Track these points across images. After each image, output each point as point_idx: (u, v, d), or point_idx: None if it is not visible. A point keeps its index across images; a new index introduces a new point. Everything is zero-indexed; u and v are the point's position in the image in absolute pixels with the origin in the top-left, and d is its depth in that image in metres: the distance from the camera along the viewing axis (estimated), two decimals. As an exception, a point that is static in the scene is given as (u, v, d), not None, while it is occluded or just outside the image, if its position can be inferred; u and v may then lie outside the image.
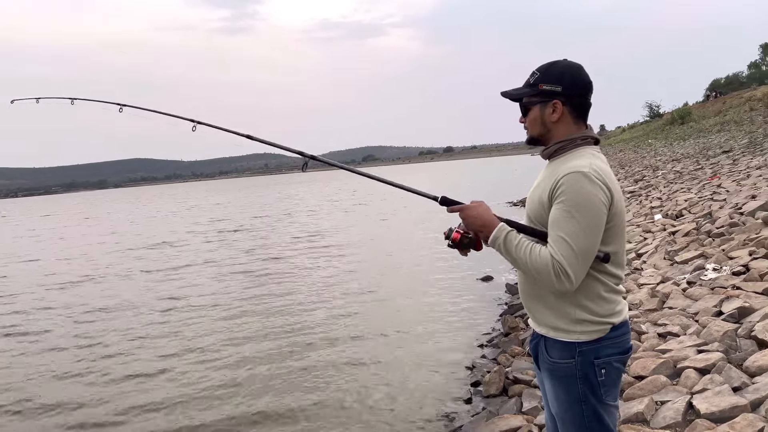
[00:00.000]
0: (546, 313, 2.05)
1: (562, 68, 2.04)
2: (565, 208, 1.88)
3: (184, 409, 5.54)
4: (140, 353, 7.34)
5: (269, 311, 9.02)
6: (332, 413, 5.23)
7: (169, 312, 9.49)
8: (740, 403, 3.13)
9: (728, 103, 36.32)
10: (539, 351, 2.12)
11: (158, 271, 13.96)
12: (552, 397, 2.10)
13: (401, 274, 11.34)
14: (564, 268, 1.86)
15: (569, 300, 1.98)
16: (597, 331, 1.98)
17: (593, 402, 1.99)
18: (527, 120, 2.10)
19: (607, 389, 2.00)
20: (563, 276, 1.86)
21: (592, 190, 1.87)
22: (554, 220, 1.91)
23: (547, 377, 2.11)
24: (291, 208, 34.05)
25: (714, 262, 5.78)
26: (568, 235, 1.86)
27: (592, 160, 1.95)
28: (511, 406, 4.58)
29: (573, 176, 1.89)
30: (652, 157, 23.99)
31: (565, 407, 2.04)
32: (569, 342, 2.00)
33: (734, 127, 23.00)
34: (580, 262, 1.87)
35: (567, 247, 1.86)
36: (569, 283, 1.88)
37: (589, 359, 1.98)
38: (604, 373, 1.98)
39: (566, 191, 1.89)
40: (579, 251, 1.86)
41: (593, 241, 1.89)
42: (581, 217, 1.86)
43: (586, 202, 1.87)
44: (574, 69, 2.04)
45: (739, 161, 13.37)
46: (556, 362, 2.04)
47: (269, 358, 6.76)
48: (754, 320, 4.12)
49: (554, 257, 1.87)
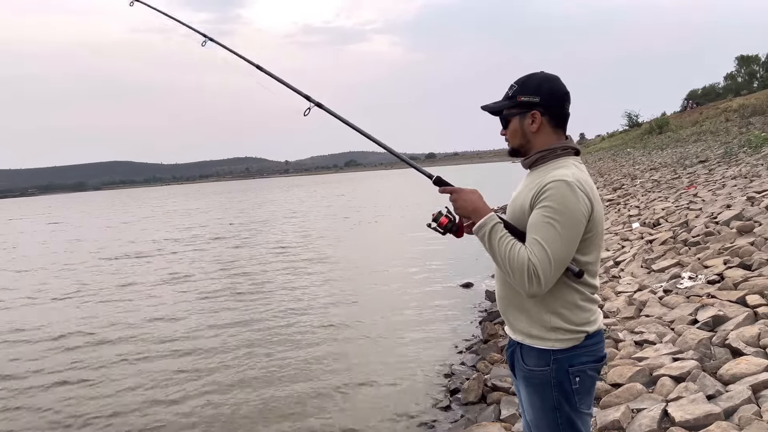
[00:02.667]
0: (522, 320, 2.07)
1: (539, 80, 2.08)
2: (546, 213, 1.90)
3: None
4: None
5: (244, 321, 8.74)
6: (309, 422, 5.18)
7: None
8: (714, 411, 3.16)
9: (705, 114, 36.95)
10: (515, 358, 2.14)
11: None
12: (527, 404, 2.12)
13: (381, 280, 11.31)
14: (537, 271, 1.87)
15: (545, 307, 2.01)
16: (572, 339, 2.01)
17: (567, 410, 2.01)
18: (508, 132, 2.15)
19: (581, 397, 2.03)
20: (535, 279, 1.88)
21: (574, 200, 1.90)
22: (533, 224, 1.93)
23: (522, 385, 2.13)
24: (272, 214, 33.75)
25: (690, 271, 5.86)
26: (545, 241, 1.88)
27: (575, 171, 1.98)
28: (489, 414, 4.59)
29: (557, 184, 1.91)
30: (630, 166, 24.28)
31: (539, 415, 2.06)
32: (544, 349, 2.02)
33: (710, 138, 23.39)
34: (552, 269, 1.89)
35: (543, 252, 1.88)
36: (539, 287, 1.89)
37: (564, 367, 2.00)
38: (578, 381, 2.01)
39: (549, 198, 1.91)
40: (554, 258, 1.88)
41: (569, 250, 1.92)
42: (560, 226, 1.89)
43: (567, 211, 1.89)
44: (551, 80, 2.08)
45: (715, 171, 13.59)
46: (531, 370, 2.06)
47: (244, 370, 6.63)
48: (728, 328, 4.17)
49: (530, 260, 1.89)
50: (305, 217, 27.87)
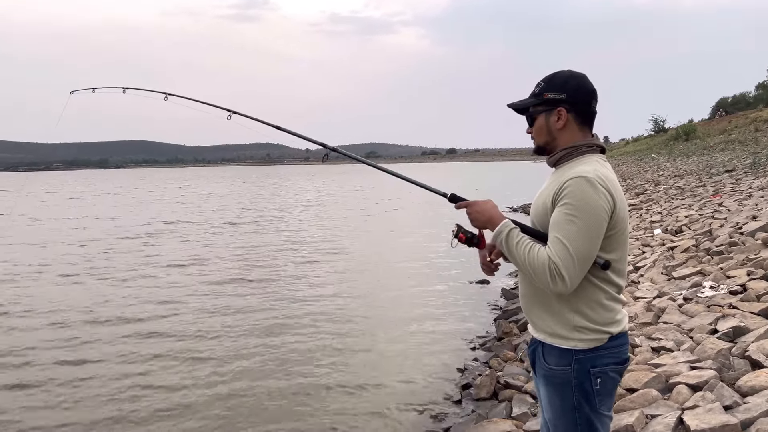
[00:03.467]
0: (545, 319, 2.06)
1: (566, 77, 2.07)
2: (566, 211, 1.90)
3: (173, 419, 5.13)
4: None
5: (256, 309, 8.68)
6: (322, 409, 5.23)
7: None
8: (731, 422, 3.13)
9: (734, 123, 36.33)
10: (536, 357, 2.14)
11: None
12: (546, 403, 2.11)
13: (397, 274, 11.31)
14: (559, 269, 1.87)
15: (569, 306, 1.99)
16: (595, 339, 1.99)
17: (587, 410, 2.00)
18: (533, 130, 2.14)
19: (602, 399, 2.01)
20: (558, 278, 1.88)
21: (594, 195, 1.89)
22: (554, 222, 1.93)
23: (542, 383, 2.12)
24: (290, 201, 33.93)
25: (712, 280, 5.79)
26: (566, 238, 1.88)
27: (597, 167, 1.97)
28: (500, 411, 4.59)
29: (577, 181, 1.91)
30: (654, 172, 23.98)
31: (558, 414, 2.05)
32: (566, 349, 2.01)
33: (738, 147, 23.00)
34: (576, 266, 1.88)
35: (564, 250, 1.87)
36: (563, 285, 1.89)
37: (586, 367, 1.98)
38: (599, 382, 1.99)
39: (569, 195, 1.91)
40: (576, 255, 1.87)
41: (592, 246, 1.90)
42: (581, 222, 1.88)
43: (588, 207, 1.88)
44: (578, 78, 2.07)
45: (742, 181, 13.37)
46: (552, 369, 2.05)
47: (257, 360, 6.57)
48: (748, 340, 4.12)
49: (551, 258, 1.88)
50: (322, 208, 27.94)
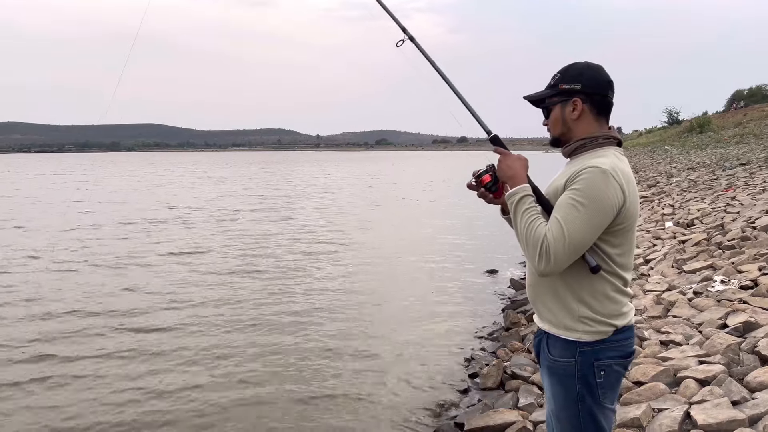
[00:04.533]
0: (551, 308, 2.06)
1: (581, 68, 2.06)
2: (573, 195, 1.90)
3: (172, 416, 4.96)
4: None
5: (264, 298, 8.64)
6: (328, 396, 5.26)
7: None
8: (738, 417, 3.12)
9: (749, 116, 35.87)
10: (542, 348, 2.14)
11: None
12: (550, 394, 2.12)
13: (405, 264, 11.30)
14: (549, 249, 1.87)
15: (575, 296, 1.99)
16: (599, 332, 1.99)
17: (590, 403, 2.00)
18: (549, 121, 2.12)
19: (605, 392, 2.01)
20: (545, 256, 1.88)
21: (606, 188, 1.88)
22: (559, 204, 1.93)
23: (546, 374, 2.13)
24: (300, 188, 33.94)
25: (723, 275, 5.75)
26: (565, 221, 1.87)
27: (614, 161, 1.96)
28: (507, 401, 4.60)
29: (592, 170, 1.90)
30: (667, 164, 23.77)
31: (561, 405, 2.06)
32: (571, 341, 2.01)
33: (753, 140, 22.71)
34: (565, 250, 1.87)
35: (559, 231, 1.87)
36: (548, 265, 1.88)
37: (589, 360, 1.98)
38: (603, 375, 1.99)
39: (581, 181, 1.90)
40: (569, 239, 1.86)
41: (588, 235, 1.89)
42: (584, 209, 1.87)
43: (595, 197, 1.87)
44: (594, 68, 2.05)
45: (756, 175, 13.22)
46: (556, 360, 2.05)
47: (265, 344, 6.61)
48: (758, 336, 4.10)
49: (546, 236, 1.88)
50: (332, 195, 27.85)
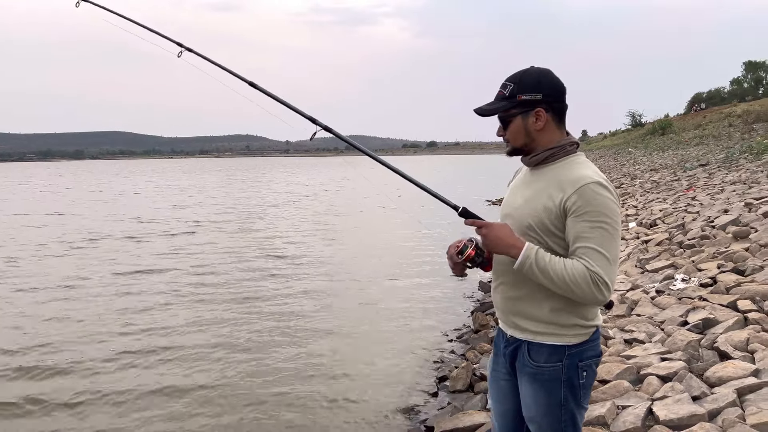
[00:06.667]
0: (538, 319, 2.02)
1: (538, 75, 1.99)
2: (592, 219, 1.88)
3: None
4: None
5: (233, 301, 8.67)
6: (295, 401, 5.21)
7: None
8: (698, 412, 3.20)
9: (708, 118, 36.93)
10: (518, 356, 2.09)
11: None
12: (531, 401, 2.06)
13: (374, 267, 11.26)
14: (602, 278, 1.85)
15: (565, 303, 1.97)
16: (585, 333, 2.01)
17: (572, 406, 2.02)
18: (508, 133, 2.05)
19: (585, 392, 2.04)
20: (603, 286, 1.85)
21: (610, 197, 1.90)
22: (581, 234, 1.89)
23: (527, 382, 2.06)
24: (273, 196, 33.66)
25: (683, 273, 5.89)
26: (601, 246, 1.86)
27: (595, 169, 1.99)
28: (476, 403, 4.63)
29: (592, 187, 1.89)
30: (631, 166, 24.29)
31: (544, 411, 2.03)
32: (559, 345, 1.99)
33: (712, 142, 23.40)
34: (613, 269, 1.89)
35: (601, 258, 1.86)
36: (608, 292, 1.87)
37: (575, 362, 2.00)
38: (585, 375, 2.01)
39: (589, 203, 1.88)
40: (612, 259, 1.88)
41: (618, 245, 1.94)
42: (609, 227, 1.88)
43: (610, 211, 1.89)
44: (548, 75, 2.01)
45: (715, 175, 13.61)
46: (541, 366, 2.01)
47: (233, 349, 6.60)
48: (717, 332, 4.21)
49: (590, 269, 1.85)
50: (302, 203, 27.70)
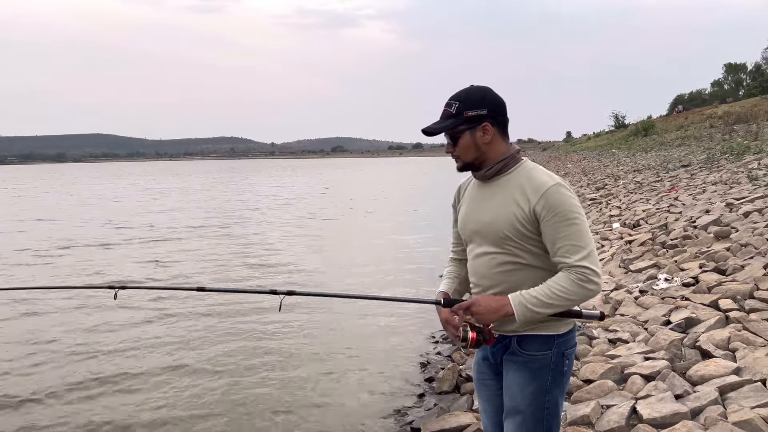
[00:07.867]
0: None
1: (481, 92, 2.12)
2: (563, 219, 1.98)
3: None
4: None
5: (215, 307, 8.43)
6: (282, 404, 5.20)
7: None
8: (681, 411, 3.24)
9: (690, 119, 37.36)
10: (510, 350, 2.14)
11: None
12: (517, 390, 2.12)
13: (359, 267, 11.29)
14: (588, 267, 1.95)
15: None
16: (571, 322, 2.12)
17: (556, 393, 2.11)
18: (457, 149, 2.14)
19: (566, 380, 2.15)
20: (592, 276, 1.96)
21: (570, 195, 2.02)
22: (555, 235, 1.99)
23: (516, 371, 2.13)
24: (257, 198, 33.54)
25: (666, 273, 5.96)
26: (578, 240, 1.97)
27: (550, 172, 2.10)
28: (462, 404, 4.64)
29: (554, 190, 2.00)
30: (614, 167, 24.49)
31: (530, 399, 2.09)
32: (549, 335, 2.09)
33: (694, 143, 23.65)
34: (594, 255, 1.99)
35: (581, 250, 1.97)
36: (599, 278, 1.98)
37: (561, 350, 2.10)
38: (567, 363, 2.12)
39: (556, 205, 1.99)
40: (590, 248, 1.98)
41: (590, 232, 2.04)
42: (578, 221, 1.99)
43: (575, 207, 2.01)
44: (490, 91, 2.14)
45: (697, 176, 13.77)
46: (532, 354, 2.10)
47: (218, 353, 6.55)
48: (699, 331, 4.27)
49: (573, 266, 1.95)
50: (288, 206, 27.58)
